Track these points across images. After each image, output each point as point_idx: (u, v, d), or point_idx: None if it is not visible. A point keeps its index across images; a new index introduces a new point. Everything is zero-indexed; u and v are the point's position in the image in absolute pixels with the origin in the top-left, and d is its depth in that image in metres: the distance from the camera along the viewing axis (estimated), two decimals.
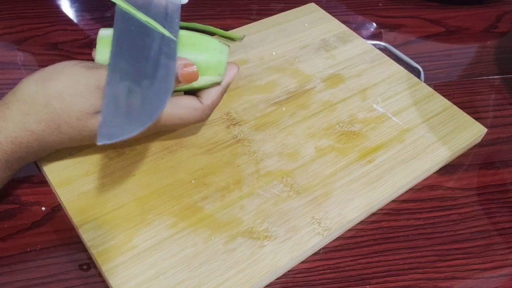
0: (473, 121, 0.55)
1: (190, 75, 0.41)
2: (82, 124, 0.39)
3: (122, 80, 0.38)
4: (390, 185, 0.48)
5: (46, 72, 0.40)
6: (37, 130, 0.39)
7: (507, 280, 0.44)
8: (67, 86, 0.38)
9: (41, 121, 0.39)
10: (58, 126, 0.39)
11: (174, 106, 0.42)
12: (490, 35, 0.71)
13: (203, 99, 0.44)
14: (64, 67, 0.40)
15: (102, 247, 0.41)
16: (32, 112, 0.39)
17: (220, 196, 0.45)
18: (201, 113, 0.44)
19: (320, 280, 0.43)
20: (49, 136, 0.40)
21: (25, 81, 0.40)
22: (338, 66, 0.60)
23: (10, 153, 0.39)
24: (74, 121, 0.39)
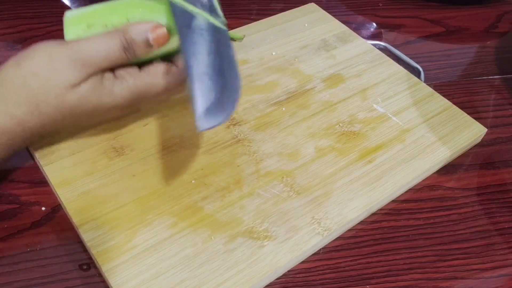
0: (473, 121, 0.55)
1: (160, 38, 0.42)
2: (61, 100, 0.39)
3: (207, 79, 0.40)
4: (390, 185, 0.48)
5: (21, 54, 0.40)
6: (18, 113, 0.39)
7: (507, 280, 0.44)
8: (42, 63, 0.39)
9: (20, 103, 0.39)
10: (37, 106, 0.39)
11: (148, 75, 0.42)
12: (490, 35, 0.71)
13: (178, 62, 0.44)
14: (37, 46, 0.40)
15: (102, 247, 0.41)
16: (10, 95, 0.39)
17: (220, 196, 0.45)
18: (178, 77, 0.43)
19: (320, 280, 0.43)
20: (31, 119, 0.39)
21: (2, 67, 0.40)
22: (338, 66, 0.60)
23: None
24: (52, 99, 0.39)
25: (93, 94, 0.40)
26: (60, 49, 0.39)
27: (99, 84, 0.41)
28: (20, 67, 0.39)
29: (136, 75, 0.42)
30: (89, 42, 0.40)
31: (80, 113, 0.41)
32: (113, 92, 0.41)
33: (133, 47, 0.41)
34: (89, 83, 0.40)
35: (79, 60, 0.39)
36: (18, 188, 0.46)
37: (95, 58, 0.40)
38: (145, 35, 0.41)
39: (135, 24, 0.41)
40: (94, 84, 0.40)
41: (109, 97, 0.41)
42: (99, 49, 0.40)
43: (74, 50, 0.39)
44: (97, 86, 0.40)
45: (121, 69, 0.42)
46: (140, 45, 0.41)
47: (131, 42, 0.41)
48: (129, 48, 0.41)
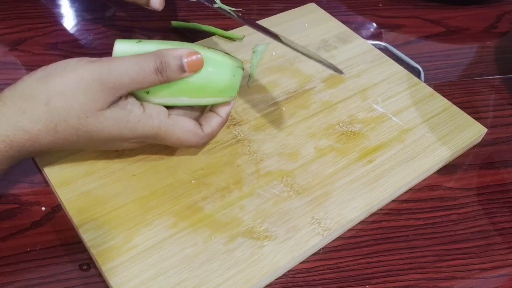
0: (473, 121, 0.55)
1: (195, 63, 0.41)
2: (81, 122, 0.39)
3: None
4: (390, 185, 0.48)
5: (48, 69, 0.39)
6: (32, 130, 0.38)
7: (507, 280, 0.44)
8: (70, 82, 0.38)
9: (38, 120, 0.38)
10: (55, 126, 0.38)
11: (175, 125, 0.42)
12: (490, 35, 0.71)
13: (204, 127, 0.44)
14: (68, 64, 0.39)
15: (102, 247, 0.41)
16: (29, 110, 0.38)
17: (220, 196, 0.45)
18: (198, 140, 0.44)
19: (320, 280, 0.43)
20: (44, 136, 0.39)
21: (26, 79, 0.39)
22: (338, 66, 0.60)
23: (0, 152, 0.38)
24: (73, 120, 0.38)
25: (116, 125, 0.40)
26: (91, 70, 0.38)
27: (124, 118, 0.40)
28: (47, 83, 0.38)
29: (164, 119, 0.42)
30: (122, 62, 0.39)
31: (97, 138, 0.40)
32: (135, 128, 0.40)
33: (166, 70, 0.40)
34: (115, 114, 0.39)
35: (109, 83, 0.38)
36: (18, 188, 0.46)
37: (124, 79, 0.38)
38: (180, 60, 0.40)
39: (172, 49, 0.41)
40: (120, 116, 0.39)
41: (129, 131, 0.40)
42: (130, 69, 0.39)
43: (105, 71, 0.38)
44: (122, 119, 0.40)
45: (151, 106, 0.41)
46: (174, 69, 0.40)
47: (166, 64, 0.40)
48: (163, 71, 0.40)
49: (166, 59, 0.40)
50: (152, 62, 0.39)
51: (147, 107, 0.41)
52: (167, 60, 0.40)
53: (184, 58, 0.40)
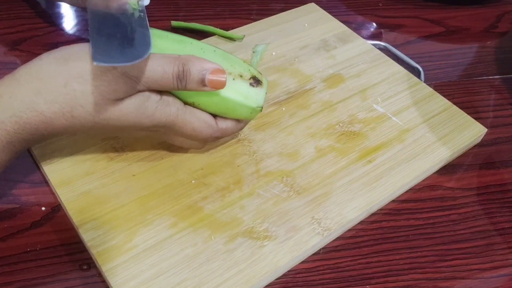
0: (473, 121, 0.55)
1: (217, 82, 0.40)
2: (98, 109, 0.37)
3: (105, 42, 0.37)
4: (390, 185, 0.48)
5: (69, 50, 0.38)
6: (47, 111, 0.37)
7: (507, 280, 0.44)
8: (93, 68, 0.37)
9: (53, 102, 0.36)
10: (71, 110, 0.37)
11: (191, 114, 0.42)
12: (490, 35, 0.71)
13: (218, 121, 0.44)
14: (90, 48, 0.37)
15: (102, 247, 0.41)
16: (45, 91, 0.36)
17: (220, 196, 0.45)
18: (212, 132, 0.43)
19: (320, 280, 0.43)
20: (59, 120, 0.37)
21: (44, 58, 0.38)
22: (338, 66, 0.60)
23: (13, 133, 0.37)
24: (90, 106, 0.37)
25: (134, 112, 0.39)
26: None
27: (142, 105, 0.39)
28: (67, 65, 0.37)
29: (181, 109, 0.41)
30: (148, 59, 0.38)
31: (113, 126, 0.39)
32: (153, 116, 0.40)
33: (186, 79, 0.39)
34: (133, 101, 0.39)
35: (132, 77, 0.37)
36: (18, 188, 0.46)
37: (148, 78, 0.38)
38: (203, 74, 0.39)
39: (200, 60, 0.40)
40: (138, 103, 0.39)
41: (147, 118, 0.40)
42: (154, 70, 0.38)
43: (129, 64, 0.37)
44: (140, 106, 0.39)
45: (168, 95, 0.41)
46: (194, 80, 0.39)
47: (187, 73, 0.39)
48: (182, 79, 0.39)
49: (189, 67, 0.39)
50: (175, 67, 0.39)
51: (164, 95, 0.41)
52: (190, 69, 0.39)
53: (207, 73, 0.39)
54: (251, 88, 0.43)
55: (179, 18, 0.66)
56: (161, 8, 0.68)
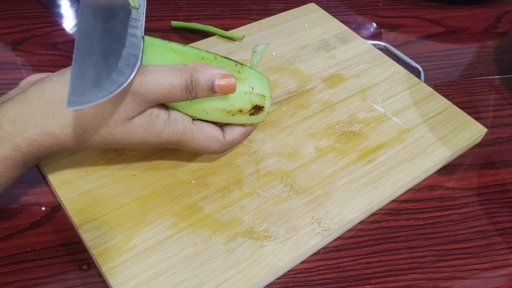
0: (473, 121, 0.55)
1: (227, 87, 0.40)
2: (109, 131, 0.38)
3: (88, 57, 0.36)
4: (390, 185, 0.48)
5: None
6: (60, 135, 0.38)
7: (507, 280, 0.44)
8: None
9: (66, 126, 0.38)
10: (83, 132, 0.38)
11: (198, 131, 0.42)
12: (490, 35, 0.71)
13: (226, 134, 0.44)
14: None
15: (102, 247, 0.41)
16: (58, 115, 0.37)
17: (220, 196, 0.45)
18: (220, 146, 0.43)
19: (320, 280, 0.43)
20: (71, 141, 0.38)
21: (56, 80, 0.38)
22: (338, 66, 0.60)
23: (27, 154, 0.38)
24: (102, 128, 0.38)
25: (143, 132, 0.39)
26: None
27: (150, 124, 0.39)
28: None
29: (188, 125, 0.41)
30: (154, 75, 0.38)
31: (122, 144, 0.40)
32: (161, 134, 0.40)
33: (196, 88, 0.39)
34: (141, 120, 0.39)
35: (140, 95, 0.38)
36: (18, 188, 0.46)
37: (155, 93, 0.38)
38: (213, 80, 0.39)
39: (207, 66, 0.40)
40: (146, 123, 0.39)
41: (155, 137, 0.40)
42: (162, 86, 0.38)
43: (137, 83, 0.37)
44: (149, 126, 0.39)
45: (176, 112, 0.41)
46: (203, 88, 0.39)
47: (196, 83, 0.39)
48: (192, 90, 0.39)
49: (197, 77, 0.39)
50: (183, 80, 0.39)
51: (172, 113, 0.41)
52: (198, 78, 0.39)
53: (216, 79, 0.39)
54: (251, 117, 0.44)
55: (179, 18, 0.66)
56: (161, 8, 0.68)
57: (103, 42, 0.38)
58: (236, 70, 0.42)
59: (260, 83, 0.43)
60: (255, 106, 0.43)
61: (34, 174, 0.47)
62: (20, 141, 0.37)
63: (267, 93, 0.44)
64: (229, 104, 0.42)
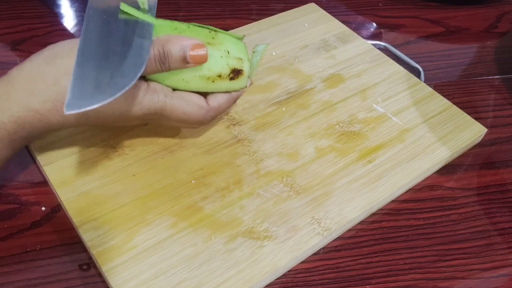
0: (473, 121, 0.55)
1: (198, 57, 0.40)
2: None
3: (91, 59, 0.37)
4: (390, 185, 0.48)
5: (56, 49, 0.39)
6: (42, 110, 0.38)
7: (507, 280, 0.44)
8: None
9: (46, 100, 0.38)
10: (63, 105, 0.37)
11: (180, 98, 0.42)
12: (490, 35, 0.71)
13: (209, 100, 0.44)
14: (75, 44, 0.39)
15: (102, 247, 0.41)
16: (38, 90, 0.38)
17: (220, 196, 0.45)
18: (205, 113, 0.43)
19: (320, 280, 0.43)
20: (54, 116, 0.39)
21: (34, 58, 0.39)
22: (338, 66, 0.60)
23: (13, 133, 0.38)
24: None
25: (123, 101, 0.40)
26: None
27: (129, 93, 0.40)
28: (55, 64, 0.38)
29: (168, 94, 0.42)
30: None
31: (105, 117, 0.40)
32: (141, 102, 0.40)
33: (169, 59, 0.40)
34: None
35: None
36: (18, 188, 0.46)
37: None
38: (184, 51, 0.40)
39: (178, 37, 0.40)
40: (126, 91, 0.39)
41: (137, 106, 0.40)
42: None
43: None
44: (127, 95, 0.39)
45: (155, 83, 0.41)
46: (176, 60, 0.40)
47: (168, 54, 0.39)
48: (165, 61, 0.40)
49: (169, 48, 0.40)
50: (155, 51, 0.39)
51: (151, 83, 0.41)
52: (170, 49, 0.40)
53: (188, 50, 0.40)
54: (232, 82, 0.43)
55: (179, 18, 0.66)
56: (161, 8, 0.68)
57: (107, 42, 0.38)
58: (210, 37, 0.43)
59: (236, 47, 0.44)
60: (233, 70, 0.43)
61: (34, 174, 0.47)
62: (5, 119, 0.38)
63: (244, 56, 0.44)
64: (207, 70, 0.42)
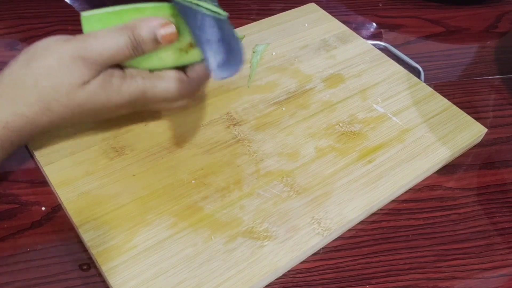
0: (473, 121, 0.55)
1: (169, 35, 0.41)
2: (71, 97, 0.40)
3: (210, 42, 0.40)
4: (390, 185, 0.48)
5: (30, 52, 0.40)
6: (27, 113, 0.39)
7: (507, 280, 0.44)
8: (53, 62, 0.39)
9: (31, 103, 0.39)
10: (48, 105, 0.39)
11: (158, 77, 0.43)
12: (490, 35, 0.71)
13: (188, 72, 0.44)
14: (48, 44, 0.40)
15: (102, 247, 0.41)
16: (21, 95, 0.39)
17: (220, 196, 0.45)
18: (186, 86, 0.44)
19: (320, 280, 0.43)
20: (41, 118, 0.40)
21: (12, 65, 0.40)
22: (338, 66, 0.60)
23: (3, 138, 0.39)
24: (63, 97, 0.39)
25: (102, 91, 0.41)
26: (69, 47, 0.39)
27: (108, 82, 0.41)
28: (31, 67, 0.39)
29: (146, 76, 0.42)
30: (97, 38, 0.40)
31: (88, 110, 0.41)
32: (121, 90, 0.41)
33: (141, 44, 0.41)
34: (98, 81, 0.40)
35: (89, 58, 0.39)
36: (18, 188, 0.46)
37: (104, 55, 0.40)
38: (154, 32, 0.41)
39: (144, 20, 0.41)
40: (103, 81, 0.41)
41: (117, 94, 0.41)
42: (107, 47, 0.40)
43: (82, 47, 0.39)
44: (106, 84, 0.41)
45: (132, 68, 0.42)
46: (148, 42, 0.41)
47: (139, 39, 0.40)
48: (137, 46, 0.40)
49: (138, 32, 0.40)
50: (126, 38, 0.40)
51: (127, 70, 0.42)
52: (140, 33, 0.40)
53: (157, 30, 0.41)
54: None
55: None
56: None
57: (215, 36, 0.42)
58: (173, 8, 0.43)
59: None
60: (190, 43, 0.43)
61: (34, 174, 0.47)
62: None
63: None
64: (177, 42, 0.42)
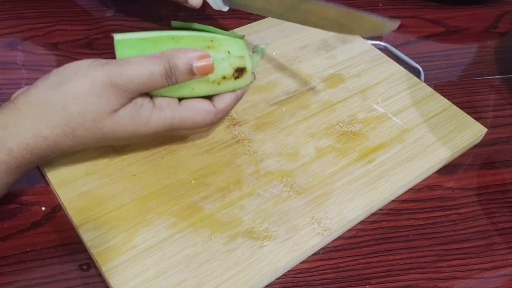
0: (473, 121, 0.55)
1: (205, 68, 0.40)
2: (97, 125, 0.39)
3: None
4: (390, 185, 0.48)
5: (61, 74, 0.39)
6: (50, 136, 0.38)
7: (507, 280, 0.44)
8: (83, 87, 0.38)
9: (55, 126, 0.38)
10: (73, 130, 0.39)
11: (187, 110, 0.42)
12: (490, 35, 0.71)
13: (216, 103, 0.43)
14: (79, 67, 0.39)
15: (102, 247, 0.41)
16: (46, 116, 0.38)
17: (220, 196, 0.45)
18: (213, 117, 0.43)
19: (320, 280, 0.43)
20: (63, 141, 0.39)
21: (40, 84, 0.39)
22: (338, 66, 0.60)
23: (21, 159, 0.38)
24: (89, 123, 0.39)
25: (130, 122, 0.40)
26: (102, 74, 0.38)
27: (136, 113, 0.40)
28: (61, 89, 0.38)
29: (175, 108, 0.42)
30: (132, 65, 0.38)
31: (113, 138, 0.40)
32: (149, 122, 0.40)
33: (175, 74, 0.40)
34: (127, 111, 0.39)
35: (121, 86, 0.38)
36: (18, 188, 0.46)
37: (136, 82, 0.38)
38: (190, 63, 0.40)
39: (182, 51, 0.40)
40: (132, 112, 0.40)
41: (144, 126, 0.40)
42: (141, 73, 0.38)
43: (116, 73, 0.38)
44: (134, 115, 0.40)
45: (161, 98, 0.41)
46: (183, 73, 0.40)
47: (175, 69, 0.39)
48: (172, 76, 0.39)
49: (175, 62, 0.39)
50: (161, 66, 0.39)
51: (157, 100, 0.41)
52: (176, 63, 0.39)
53: (194, 62, 0.40)
54: (237, 81, 0.43)
55: (179, 18, 0.66)
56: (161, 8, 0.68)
57: None
58: (209, 40, 0.43)
59: (235, 45, 0.44)
60: (236, 69, 0.43)
61: (34, 174, 0.47)
62: (13, 145, 0.38)
63: (244, 53, 0.44)
64: (212, 74, 0.42)
